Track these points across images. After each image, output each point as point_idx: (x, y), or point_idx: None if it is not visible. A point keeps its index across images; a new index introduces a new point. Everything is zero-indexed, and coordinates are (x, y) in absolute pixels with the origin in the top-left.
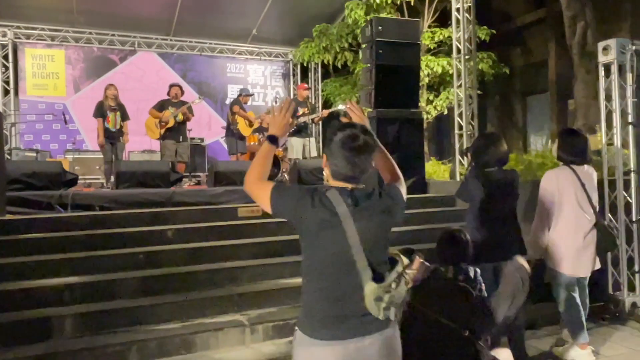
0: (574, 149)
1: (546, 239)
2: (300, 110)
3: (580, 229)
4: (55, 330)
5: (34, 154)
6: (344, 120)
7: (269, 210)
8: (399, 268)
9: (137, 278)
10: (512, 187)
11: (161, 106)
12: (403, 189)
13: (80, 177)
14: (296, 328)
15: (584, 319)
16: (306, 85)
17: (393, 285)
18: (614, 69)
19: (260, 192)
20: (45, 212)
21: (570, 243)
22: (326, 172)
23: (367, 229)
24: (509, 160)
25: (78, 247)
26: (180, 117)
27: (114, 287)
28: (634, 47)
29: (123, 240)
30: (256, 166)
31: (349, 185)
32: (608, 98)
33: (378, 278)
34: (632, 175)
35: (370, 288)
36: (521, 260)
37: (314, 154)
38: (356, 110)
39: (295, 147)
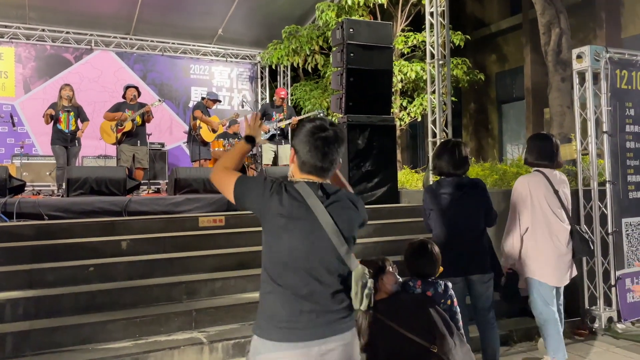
0: (541, 152)
1: (519, 246)
2: (276, 115)
3: (557, 235)
4: None
5: None
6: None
7: (231, 198)
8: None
9: (87, 293)
10: (471, 197)
11: (117, 109)
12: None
13: (28, 183)
14: (254, 336)
15: (561, 333)
16: (283, 93)
17: (368, 273)
18: (589, 76)
19: (225, 180)
20: None
21: (549, 251)
22: (292, 168)
23: (341, 216)
24: (467, 167)
25: (23, 259)
26: (138, 121)
27: (60, 303)
28: (608, 55)
29: (72, 251)
30: (228, 158)
31: (317, 179)
32: (583, 106)
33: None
34: (607, 185)
35: (358, 272)
36: None
37: (286, 162)
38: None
39: (267, 153)
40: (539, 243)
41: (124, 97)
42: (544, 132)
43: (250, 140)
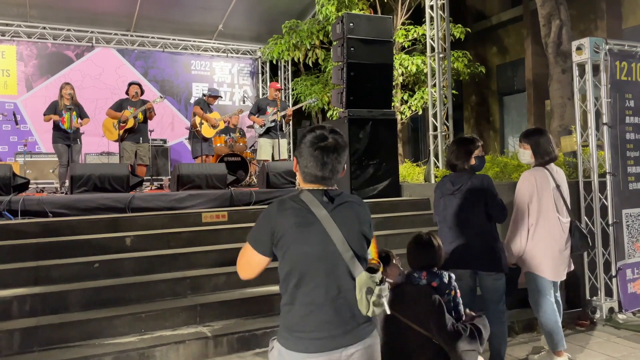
0: (544, 149)
1: (524, 243)
2: (270, 109)
3: (559, 231)
4: (2, 346)
5: None
6: None
7: (266, 259)
8: (380, 268)
9: (92, 289)
10: (463, 192)
11: (119, 106)
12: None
13: (32, 181)
14: (275, 340)
15: (560, 324)
16: (278, 85)
17: (378, 279)
18: (588, 68)
19: (246, 259)
20: None
21: (551, 247)
22: (298, 177)
23: (347, 224)
24: (472, 162)
25: (28, 257)
26: (140, 117)
27: (66, 299)
28: (608, 47)
29: (77, 248)
30: (241, 257)
31: (321, 187)
32: (583, 98)
33: (369, 270)
34: (608, 177)
35: (362, 278)
36: None
37: (284, 155)
38: None
39: (264, 148)
40: (540, 238)
41: (127, 93)
42: (537, 127)
43: None
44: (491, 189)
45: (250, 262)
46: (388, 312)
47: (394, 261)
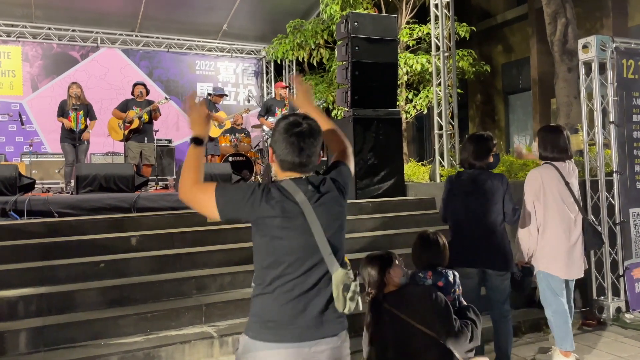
0: (555, 145)
1: (534, 241)
2: (279, 111)
3: (569, 228)
4: (8, 346)
5: None
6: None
7: (215, 215)
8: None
9: (98, 289)
10: (483, 190)
11: (125, 106)
12: (351, 164)
13: (38, 181)
14: (242, 335)
15: (570, 324)
16: (284, 84)
17: (352, 275)
18: (595, 66)
19: (201, 196)
20: None
21: (560, 244)
22: (274, 167)
23: (327, 215)
24: (489, 160)
25: (34, 257)
26: (145, 118)
27: (72, 299)
28: (614, 45)
29: (83, 248)
30: (189, 170)
31: (300, 174)
32: (589, 97)
33: (343, 265)
34: (615, 175)
35: (338, 275)
36: None
37: None
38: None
39: None
40: (549, 236)
41: (132, 93)
42: (554, 124)
43: (198, 141)
44: (509, 189)
45: (203, 206)
46: (361, 308)
47: (397, 262)
